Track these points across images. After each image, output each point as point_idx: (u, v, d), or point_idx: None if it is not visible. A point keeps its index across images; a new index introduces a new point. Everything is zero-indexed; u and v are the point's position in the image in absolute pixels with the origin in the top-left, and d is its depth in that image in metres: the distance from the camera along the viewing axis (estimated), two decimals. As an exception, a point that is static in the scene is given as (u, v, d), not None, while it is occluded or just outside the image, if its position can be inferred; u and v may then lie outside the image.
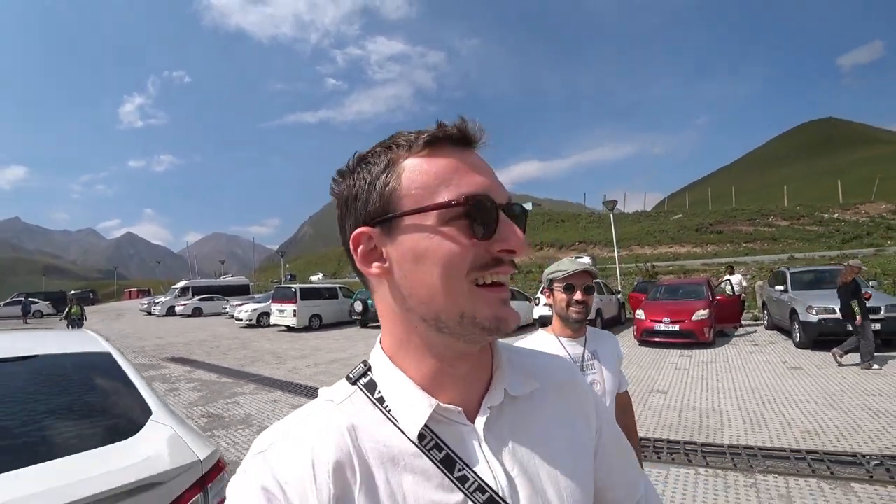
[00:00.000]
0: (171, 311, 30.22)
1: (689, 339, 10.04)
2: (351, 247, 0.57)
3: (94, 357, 2.37)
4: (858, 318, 7.37)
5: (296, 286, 18.48)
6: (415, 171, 0.54)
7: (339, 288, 20.57)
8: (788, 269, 11.65)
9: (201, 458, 1.82)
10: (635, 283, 18.18)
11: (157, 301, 33.00)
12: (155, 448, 1.78)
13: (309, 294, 18.39)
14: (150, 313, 32.18)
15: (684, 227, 49.73)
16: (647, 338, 10.55)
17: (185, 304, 30.01)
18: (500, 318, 0.53)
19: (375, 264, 0.56)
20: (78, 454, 1.68)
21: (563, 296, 1.79)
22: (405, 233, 0.53)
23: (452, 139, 0.55)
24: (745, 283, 14.09)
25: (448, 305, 0.52)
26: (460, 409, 0.57)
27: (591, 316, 11.71)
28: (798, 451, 4.31)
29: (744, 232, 46.38)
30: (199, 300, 30.58)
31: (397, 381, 0.57)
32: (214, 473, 1.85)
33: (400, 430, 0.55)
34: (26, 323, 28.81)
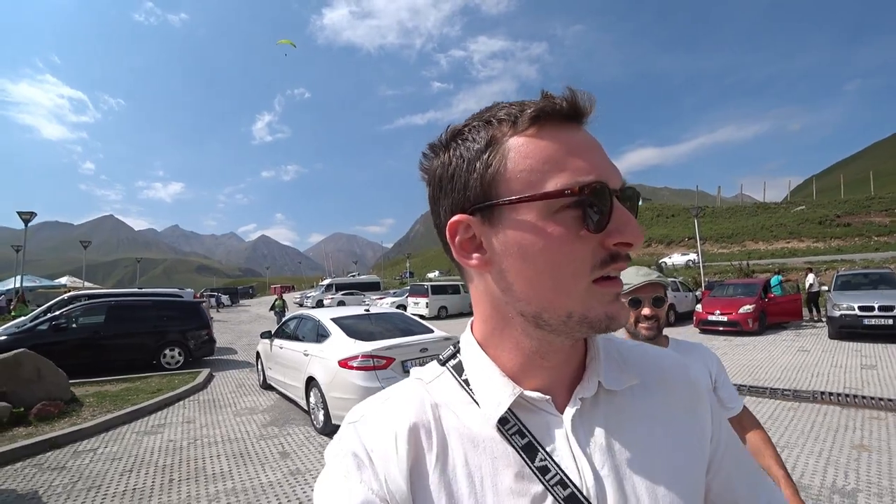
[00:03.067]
0: (319, 304, 36.99)
1: (734, 328, 12.56)
2: (447, 235, 0.53)
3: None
4: None
5: (428, 284, 23.31)
6: (521, 152, 0.48)
7: (461, 284, 25.07)
8: (838, 271, 13.60)
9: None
10: (707, 282, 20.27)
11: (308, 295, 40.22)
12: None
13: (437, 290, 23.12)
14: (301, 305, 39.39)
15: (806, 220, 47.38)
16: (703, 326, 13.24)
17: (331, 298, 36.55)
18: (612, 316, 0.49)
19: (475, 255, 0.52)
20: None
21: (631, 311, 1.58)
22: (510, 223, 0.49)
23: (561, 114, 0.49)
24: (814, 281, 15.73)
25: (556, 304, 0.49)
26: (548, 397, 0.54)
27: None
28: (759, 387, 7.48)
29: (877, 224, 43.24)
30: (343, 294, 37.03)
31: (484, 366, 0.56)
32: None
33: (483, 412, 0.54)
34: (218, 311, 37.09)
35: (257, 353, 8.56)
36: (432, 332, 6.41)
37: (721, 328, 12.83)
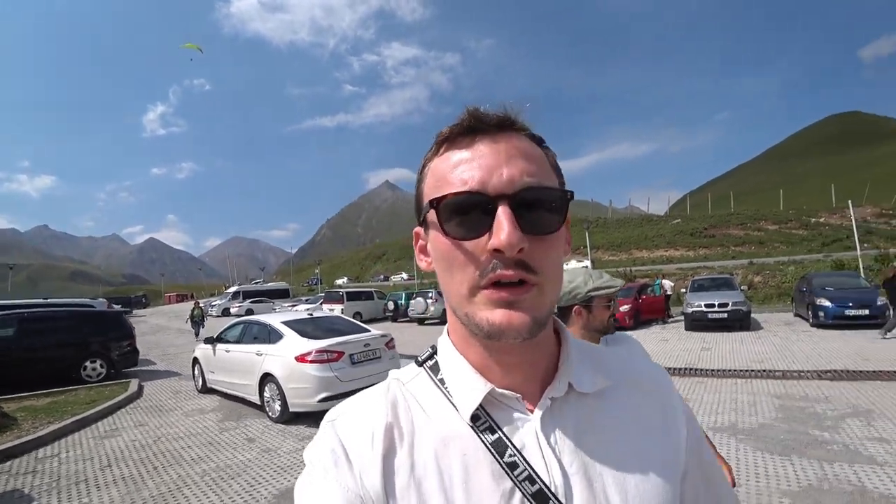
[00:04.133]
0: (226, 312, 35.84)
1: (616, 324, 14.97)
2: (413, 241, 0.62)
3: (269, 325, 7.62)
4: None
5: (342, 290, 24.03)
6: (431, 172, 0.57)
7: (374, 291, 26.08)
8: (693, 277, 16.60)
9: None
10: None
11: (213, 303, 38.74)
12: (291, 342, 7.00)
13: (352, 296, 23.91)
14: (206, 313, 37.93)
15: (681, 232, 54.11)
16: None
17: (238, 306, 35.60)
18: (493, 322, 0.51)
19: (424, 259, 0.60)
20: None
21: (604, 310, 1.69)
22: (430, 233, 0.57)
23: (462, 132, 0.54)
24: (669, 287, 18.95)
25: (457, 304, 0.54)
26: (518, 395, 0.56)
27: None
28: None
29: (734, 236, 50.64)
30: (251, 302, 36.22)
31: (458, 364, 0.58)
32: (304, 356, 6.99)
33: (456, 410, 0.56)
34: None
35: (194, 360, 9.01)
36: (369, 331, 7.52)
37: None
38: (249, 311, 35.02)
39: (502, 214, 0.49)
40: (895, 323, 10.50)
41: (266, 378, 6.72)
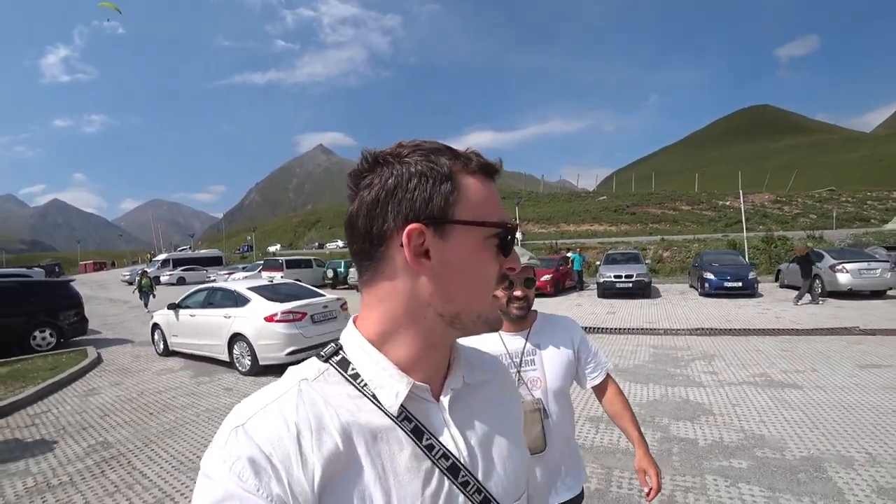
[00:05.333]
0: (156, 281, 34.87)
1: (538, 293, 16.85)
2: (404, 238, 0.58)
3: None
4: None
5: (282, 258, 24.57)
6: (474, 188, 0.61)
7: (313, 259, 26.72)
8: (609, 250, 18.80)
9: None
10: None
11: (139, 271, 37.37)
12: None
13: (291, 264, 24.51)
14: (131, 283, 36.36)
15: (606, 209, 57.96)
16: None
17: (169, 275, 34.82)
18: (499, 318, 0.68)
19: (421, 261, 0.59)
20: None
21: (503, 292, 1.60)
22: (458, 240, 0.59)
23: (489, 171, 0.64)
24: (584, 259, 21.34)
25: (472, 307, 0.62)
26: (428, 387, 0.64)
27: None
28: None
29: (652, 214, 54.97)
30: (182, 271, 35.50)
31: (376, 360, 0.62)
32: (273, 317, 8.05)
33: (376, 404, 0.60)
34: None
35: (155, 325, 9.62)
36: (323, 295, 8.62)
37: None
38: (181, 280, 34.41)
39: (516, 247, 0.67)
40: (804, 293, 12.96)
41: (236, 337, 7.68)
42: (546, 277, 16.96)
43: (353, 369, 0.62)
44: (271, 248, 67.52)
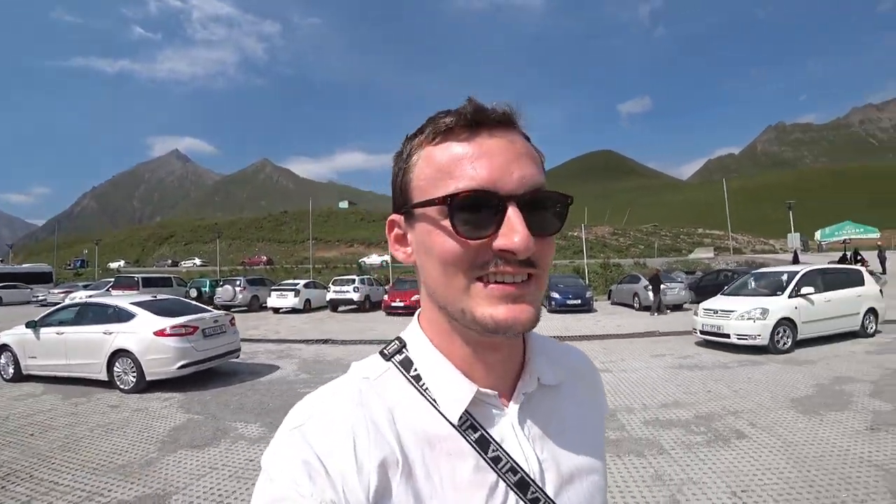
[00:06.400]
0: (-41, 298, 29.51)
1: (409, 310, 18.15)
2: (386, 229, 0.61)
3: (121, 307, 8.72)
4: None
5: (138, 276, 22.65)
6: (425, 161, 0.55)
7: (174, 277, 25.03)
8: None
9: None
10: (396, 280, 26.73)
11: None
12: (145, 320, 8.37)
13: (149, 283, 22.71)
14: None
15: (469, 235, 61.94)
16: (389, 310, 18.87)
17: (-21, 292, 29.63)
18: (498, 318, 0.51)
19: (402, 249, 0.60)
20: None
21: None
22: (417, 224, 0.56)
23: (464, 124, 0.53)
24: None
25: (450, 299, 0.54)
26: (496, 392, 0.58)
27: (362, 299, 19.35)
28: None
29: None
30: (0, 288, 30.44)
31: (436, 361, 0.58)
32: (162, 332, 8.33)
33: (437, 410, 0.55)
34: None
35: (2, 346, 8.75)
36: (210, 311, 8.80)
37: (401, 311, 18.49)
38: (-2, 300, 29.44)
39: (514, 216, 0.50)
40: (656, 306, 16.31)
41: (117, 354, 7.57)
42: (416, 297, 18.20)
43: (415, 370, 0.59)
44: (113, 265, 59.97)
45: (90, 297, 23.01)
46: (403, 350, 0.62)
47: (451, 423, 0.56)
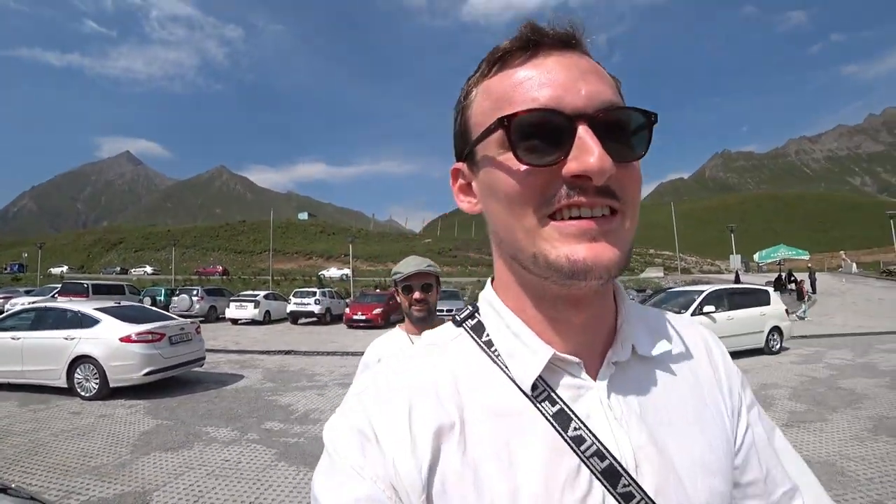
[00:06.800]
0: None
1: (371, 324, 18.47)
2: (450, 180, 0.55)
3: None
4: None
5: (88, 282, 21.81)
6: (482, 97, 0.50)
7: (126, 285, 24.27)
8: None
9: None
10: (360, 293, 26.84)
11: None
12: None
13: (100, 290, 21.90)
14: None
15: (430, 250, 62.60)
16: (350, 323, 18.95)
17: None
18: (575, 259, 0.43)
19: (466, 200, 0.54)
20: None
21: (404, 296, 1.87)
22: (479, 166, 0.50)
23: (520, 48, 0.47)
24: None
25: (520, 245, 0.47)
26: (580, 360, 0.50)
27: (322, 312, 19.35)
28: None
29: (472, 258, 61.03)
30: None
31: (509, 322, 0.52)
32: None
33: (510, 377, 0.49)
34: None
35: None
36: (175, 318, 8.82)
37: (362, 324, 18.66)
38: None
39: (585, 135, 0.43)
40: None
41: (79, 360, 7.50)
42: (377, 311, 18.78)
43: (487, 335, 0.53)
44: (56, 270, 56.99)
45: (32, 303, 22.18)
46: (475, 315, 0.56)
47: (524, 392, 0.49)
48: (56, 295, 21.71)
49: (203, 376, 9.20)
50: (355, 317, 18.82)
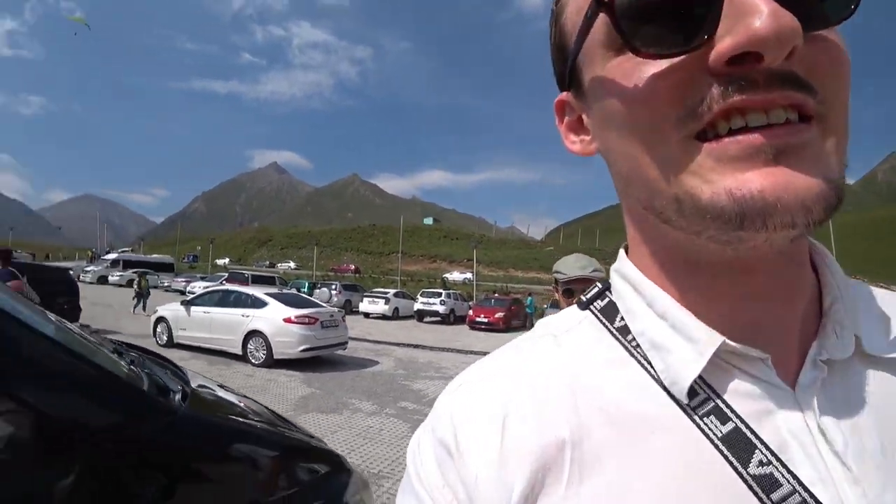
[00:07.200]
0: (102, 280, 34.27)
1: (492, 327, 19.00)
2: (556, 119, 0.41)
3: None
4: None
5: (248, 273, 25.36)
6: None
7: (277, 277, 27.74)
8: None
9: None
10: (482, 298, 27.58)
11: (86, 269, 36.58)
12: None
13: (256, 280, 25.30)
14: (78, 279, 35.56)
15: (552, 259, 61.76)
16: (473, 325, 19.58)
17: (119, 276, 34.26)
18: (744, 195, 0.26)
19: (577, 139, 0.39)
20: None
21: (564, 299, 1.79)
22: (586, 86, 0.35)
23: None
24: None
25: (655, 186, 0.31)
26: (766, 356, 0.31)
27: (447, 312, 20.41)
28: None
29: (594, 267, 59.15)
30: (134, 272, 34.99)
31: (652, 301, 0.35)
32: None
33: (654, 377, 0.33)
34: None
35: (160, 318, 10.53)
36: (324, 306, 10.09)
37: (483, 326, 19.25)
38: (132, 282, 33.79)
39: None
40: None
41: (252, 334, 8.99)
42: (499, 315, 19.20)
43: (621, 320, 0.38)
44: (220, 262, 66.68)
45: (206, 287, 26.45)
46: (606, 294, 0.41)
47: (675, 399, 0.32)
48: (223, 282, 25.53)
49: (345, 359, 10.36)
50: (478, 319, 19.51)
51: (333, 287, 24.31)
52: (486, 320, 19.20)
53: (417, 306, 22.46)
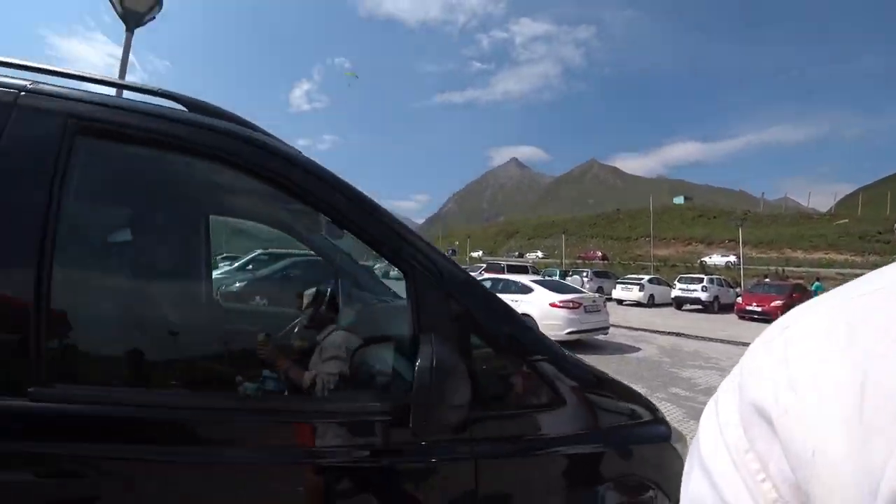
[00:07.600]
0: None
1: (768, 317, 16.49)
2: None
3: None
4: None
5: (503, 263, 27.75)
6: None
7: (529, 266, 29.72)
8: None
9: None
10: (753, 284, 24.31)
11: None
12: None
13: (512, 269, 27.51)
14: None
15: (847, 234, 49.70)
16: (742, 314, 17.44)
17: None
18: None
19: None
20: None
21: None
22: None
23: None
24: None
25: None
26: None
27: (710, 300, 18.80)
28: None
29: (916, 243, 45.30)
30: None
31: None
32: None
33: None
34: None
35: None
36: (586, 292, 10.71)
37: (756, 316, 16.95)
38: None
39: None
40: None
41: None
42: (777, 303, 16.70)
43: None
44: (474, 254, 73.96)
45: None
46: None
47: None
48: (482, 272, 28.54)
49: (605, 344, 10.74)
50: (749, 307, 17.34)
51: (585, 274, 24.77)
52: (759, 309, 16.84)
53: (675, 293, 21.15)
